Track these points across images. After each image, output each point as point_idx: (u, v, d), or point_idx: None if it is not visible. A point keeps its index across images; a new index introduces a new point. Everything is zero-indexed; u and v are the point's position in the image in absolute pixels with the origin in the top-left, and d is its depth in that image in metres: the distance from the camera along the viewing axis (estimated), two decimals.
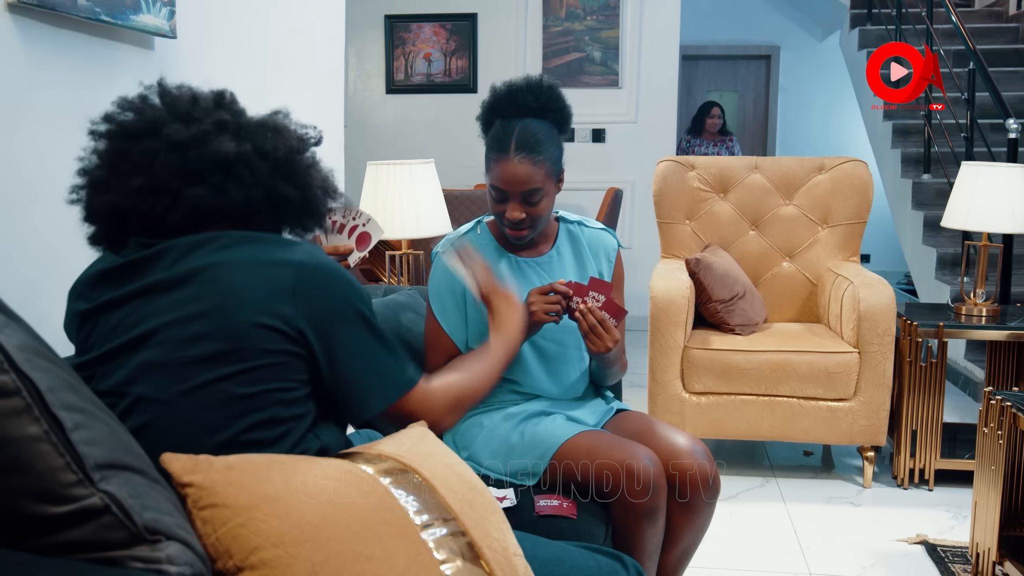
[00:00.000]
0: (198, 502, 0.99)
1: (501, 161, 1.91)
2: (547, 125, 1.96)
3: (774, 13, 8.40)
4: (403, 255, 3.28)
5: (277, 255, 1.25)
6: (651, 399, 3.26)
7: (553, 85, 1.99)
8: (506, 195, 1.93)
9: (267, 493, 1.01)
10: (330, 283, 1.27)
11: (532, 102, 1.95)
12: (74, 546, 0.88)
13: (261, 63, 2.50)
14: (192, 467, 1.01)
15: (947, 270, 4.77)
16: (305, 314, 1.22)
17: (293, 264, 1.24)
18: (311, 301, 1.23)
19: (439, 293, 2.05)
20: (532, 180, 1.90)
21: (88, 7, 1.74)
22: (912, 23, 5.63)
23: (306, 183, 1.41)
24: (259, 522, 0.99)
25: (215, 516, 0.99)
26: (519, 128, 1.91)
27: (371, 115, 6.20)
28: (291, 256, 1.25)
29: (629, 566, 1.49)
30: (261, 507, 1.00)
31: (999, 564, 2.44)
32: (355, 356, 1.30)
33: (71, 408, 0.92)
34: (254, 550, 0.97)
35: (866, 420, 3.17)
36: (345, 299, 1.28)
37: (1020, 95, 5.67)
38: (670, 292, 3.19)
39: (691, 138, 6.59)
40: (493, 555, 1.12)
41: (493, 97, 1.98)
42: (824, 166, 3.71)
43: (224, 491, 1.00)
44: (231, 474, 1.02)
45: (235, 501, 0.99)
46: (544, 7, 5.93)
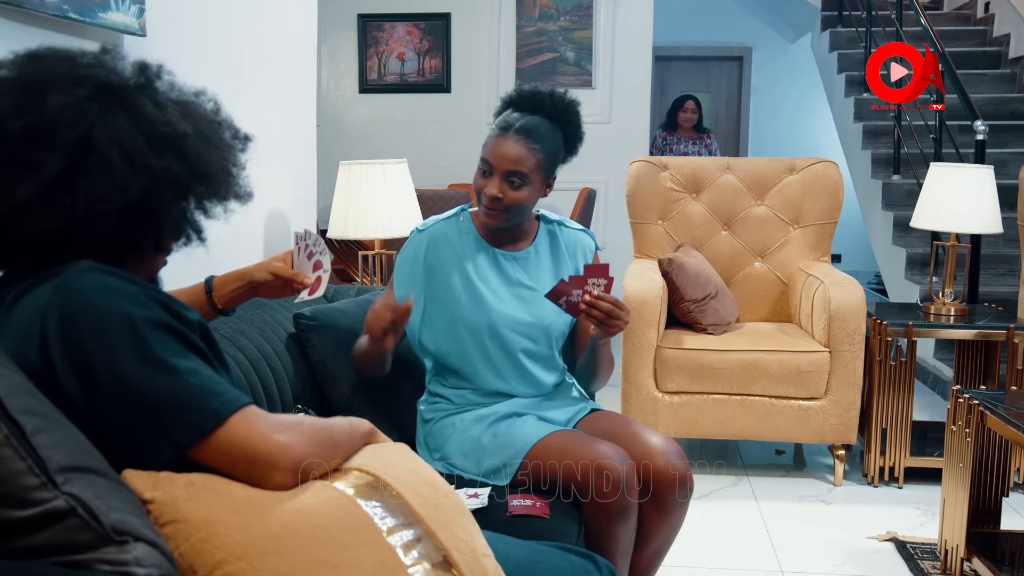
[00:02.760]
0: (160, 518, 0.98)
1: (499, 136, 1.94)
2: (555, 129, 1.99)
3: (746, 15, 8.45)
4: (376, 255, 3.27)
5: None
6: (624, 399, 3.27)
7: (575, 102, 2.03)
8: (492, 169, 1.94)
9: (229, 507, 1.00)
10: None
11: (549, 106, 1.99)
12: (40, 550, 0.87)
13: (232, 62, 2.48)
14: (153, 483, 1.00)
15: (916, 270, 4.82)
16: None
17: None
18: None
19: (402, 265, 2.07)
20: (521, 162, 1.92)
21: (56, 4, 1.72)
22: (882, 25, 5.69)
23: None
24: (222, 536, 0.98)
25: (177, 532, 0.98)
26: (527, 116, 1.96)
27: (344, 115, 6.18)
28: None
29: (602, 566, 1.50)
30: (223, 521, 0.99)
31: (967, 560, 2.47)
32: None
33: (30, 412, 0.91)
34: (218, 564, 0.97)
35: (837, 419, 3.20)
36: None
37: (988, 97, 5.74)
38: (643, 292, 3.20)
39: (667, 135, 6.40)
40: (461, 556, 1.12)
41: (516, 93, 2.03)
42: (795, 167, 3.74)
43: (186, 506, 0.99)
44: (192, 489, 1.00)
45: (196, 516, 0.98)
46: (518, 7, 5.93)
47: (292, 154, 2.88)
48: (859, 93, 5.94)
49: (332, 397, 2.07)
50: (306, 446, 1.09)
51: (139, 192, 1.09)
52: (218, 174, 1.20)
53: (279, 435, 1.06)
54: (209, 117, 1.23)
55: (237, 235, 2.42)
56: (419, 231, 2.09)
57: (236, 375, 1.78)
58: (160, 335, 1.04)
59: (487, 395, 2.05)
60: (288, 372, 1.99)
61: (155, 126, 1.11)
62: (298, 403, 1.97)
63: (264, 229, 2.62)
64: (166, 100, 1.16)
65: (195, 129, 1.17)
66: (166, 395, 1.02)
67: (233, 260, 2.14)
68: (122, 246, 1.14)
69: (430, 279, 2.04)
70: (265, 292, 1.69)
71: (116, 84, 1.12)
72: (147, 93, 1.14)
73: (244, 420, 1.05)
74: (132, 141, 1.08)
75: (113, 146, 1.07)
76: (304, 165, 2.96)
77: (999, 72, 6.10)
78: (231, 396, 1.06)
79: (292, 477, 1.07)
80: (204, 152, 1.17)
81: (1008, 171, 4.86)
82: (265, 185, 2.68)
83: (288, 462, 1.06)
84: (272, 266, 1.67)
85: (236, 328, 1.92)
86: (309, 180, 3.01)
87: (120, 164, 1.07)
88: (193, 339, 1.09)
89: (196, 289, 1.64)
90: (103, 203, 1.07)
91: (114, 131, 1.07)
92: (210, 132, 1.21)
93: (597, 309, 1.84)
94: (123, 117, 1.09)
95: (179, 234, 1.22)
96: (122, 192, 1.08)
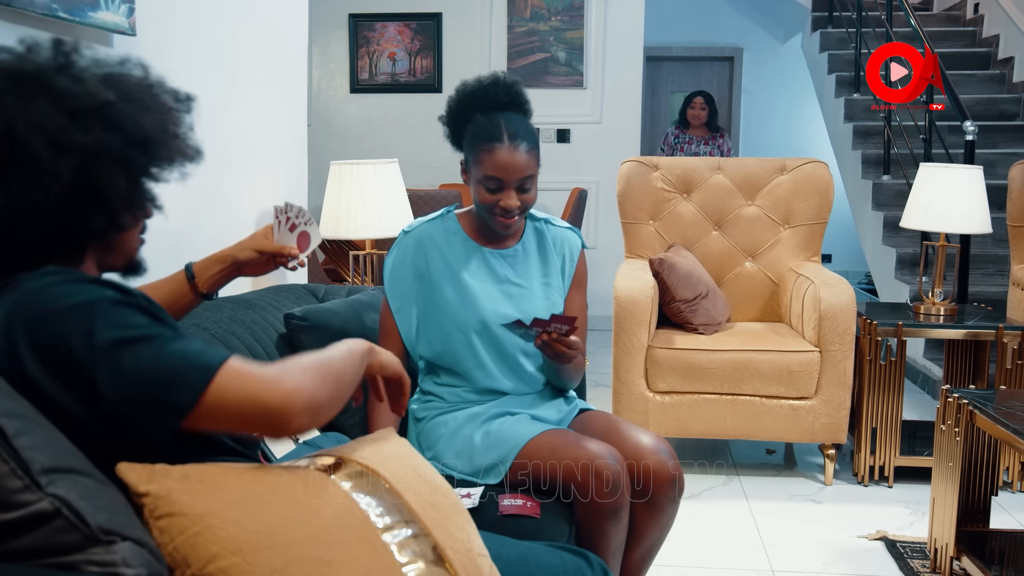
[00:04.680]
0: (155, 511, 0.98)
1: (498, 150, 1.92)
2: (525, 116, 2.01)
3: (737, 15, 8.47)
4: (367, 255, 3.27)
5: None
6: (615, 398, 3.27)
7: (517, 81, 2.03)
8: (502, 184, 1.94)
9: (224, 500, 1.00)
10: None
11: (504, 97, 1.99)
12: (27, 553, 0.86)
13: (223, 61, 2.47)
14: (148, 476, 0.99)
15: (906, 270, 4.84)
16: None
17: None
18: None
19: (391, 269, 2.07)
20: (528, 167, 1.94)
21: (45, 3, 1.72)
22: (872, 26, 5.70)
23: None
24: (216, 530, 0.97)
25: (172, 525, 0.97)
26: (504, 119, 1.95)
27: (335, 114, 6.17)
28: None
29: (594, 564, 1.50)
30: (218, 514, 0.98)
31: (957, 559, 2.48)
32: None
33: (11, 415, 0.90)
34: (212, 558, 0.96)
35: (827, 418, 3.20)
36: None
37: (977, 97, 5.77)
38: (634, 292, 3.20)
39: (680, 132, 6.03)
40: (457, 556, 1.11)
41: (465, 93, 2.01)
42: (786, 167, 3.75)
43: (181, 499, 0.98)
44: (188, 482, 1.00)
45: (192, 509, 0.98)
46: (509, 7, 5.94)
47: (283, 154, 2.87)
48: (849, 94, 5.96)
49: None
50: (313, 384, 1.07)
51: (72, 172, 1.06)
52: (157, 136, 1.16)
53: (284, 380, 1.05)
54: (138, 81, 1.19)
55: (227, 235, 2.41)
56: (405, 233, 2.09)
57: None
58: (125, 311, 1.03)
59: (479, 393, 2.05)
60: None
61: (76, 100, 1.08)
62: None
63: (255, 228, 2.61)
64: (86, 75, 1.12)
65: (122, 95, 1.13)
66: (151, 366, 1.00)
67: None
68: (75, 233, 1.12)
69: (420, 282, 2.04)
70: (250, 270, 1.67)
71: (31, 71, 1.08)
72: (65, 72, 1.11)
73: (237, 370, 1.04)
74: (53, 122, 1.05)
75: (34, 132, 1.04)
76: (295, 165, 2.96)
77: (988, 73, 6.13)
78: (214, 351, 1.05)
79: (309, 419, 1.06)
80: (137, 116, 1.13)
81: (997, 171, 4.88)
82: (256, 185, 2.67)
83: (300, 404, 1.05)
84: (255, 243, 1.65)
85: (226, 328, 1.91)
86: (300, 180, 3.00)
87: (45, 149, 1.04)
88: (157, 311, 1.08)
89: (176, 278, 1.61)
90: (38, 191, 1.05)
91: (33, 117, 1.04)
92: (141, 96, 1.16)
93: (550, 348, 1.87)
94: (42, 100, 1.06)
95: (131, 207, 1.17)
96: (53, 175, 1.05)
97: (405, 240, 2.08)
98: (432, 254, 2.04)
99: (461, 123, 2.02)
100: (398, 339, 2.05)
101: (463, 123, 2.01)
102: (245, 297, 2.14)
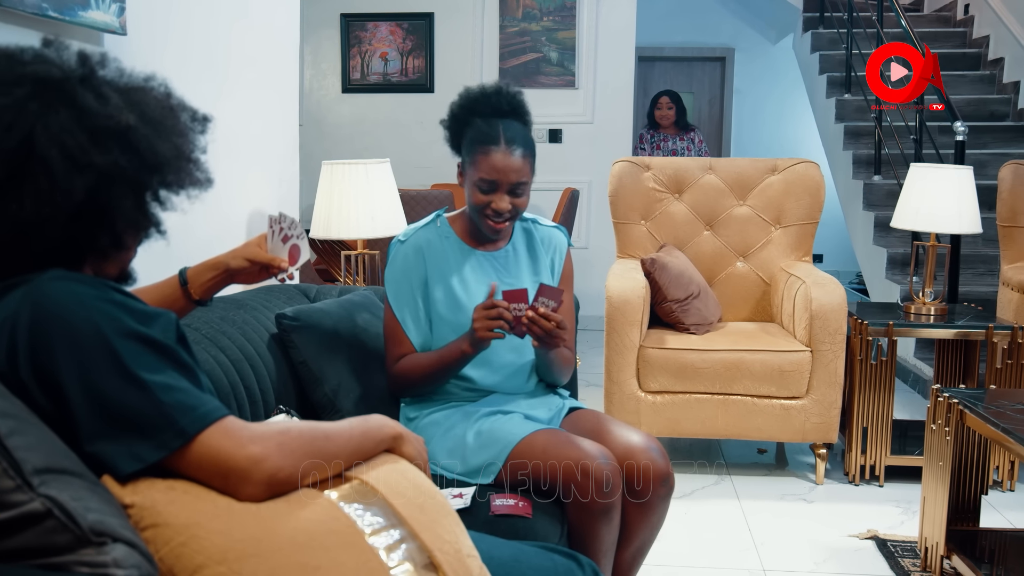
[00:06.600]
0: (140, 522, 0.98)
1: (494, 152, 1.96)
2: (525, 126, 2.05)
3: (729, 16, 8.48)
4: (359, 255, 3.27)
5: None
6: (607, 398, 3.28)
7: (520, 91, 2.08)
8: (496, 186, 1.97)
9: (209, 511, 1.00)
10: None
11: (505, 106, 2.03)
12: (18, 553, 0.86)
13: (214, 61, 2.47)
14: (133, 488, 0.99)
15: (897, 270, 4.85)
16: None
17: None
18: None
19: (396, 280, 2.06)
20: (523, 172, 1.98)
21: (35, 2, 1.71)
22: (863, 27, 5.72)
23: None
24: (201, 539, 0.97)
25: (157, 536, 0.97)
26: (503, 125, 1.99)
27: (327, 114, 6.16)
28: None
29: (585, 565, 1.50)
30: (203, 524, 0.98)
31: (947, 558, 2.49)
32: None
33: (3, 415, 0.90)
34: (198, 568, 0.96)
35: (818, 418, 3.21)
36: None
37: (967, 98, 5.79)
38: (626, 292, 3.20)
39: (653, 133, 6.09)
40: (445, 557, 1.11)
41: (468, 99, 2.05)
42: (777, 167, 3.76)
43: (166, 510, 0.98)
44: (172, 494, 1.00)
45: (176, 520, 0.98)
46: (501, 7, 5.94)
47: (274, 154, 2.87)
48: (840, 94, 5.97)
49: (314, 398, 2.06)
50: (283, 457, 1.06)
51: (85, 192, 1.06)
52: (172, 162, 1.16)
53: (253, 447, 1.04)
54: (160, 102, 1.18)
55: (219, 235, 2.41)
56: (401, 242, 2.09)
57: (216, 376, 1.77)
58: (133, 347, 1.02)
59: (472, 392, 2.06)
60: (270, 373, 1.98)
61: (98, 119, 1.07)
62: (280, 404, 1.96)
63: (246, 229, 2.61)
64: (110, 90, 1.11)
65: (143, 117, 1.12)
66: (132, 411, 1.00)
67: None
68: (78, 247, 1.11)
69: (424, 289, 2.05)
70: (242, 279, 1.68)
71: (57, 78, 1.07)
72: (90, 84, 1.10)
73: (215, 434, 1.03)
74: (73, 139, 1.04)
75: (54, 147, 1.03)
76: (286, 165, 2.95)
77: (979, 73, 6.15)
78: (204, 410, 1.04)
79: (265, 489, 1.04)
80: (154, 141, 1.13)
81: (987, 172, 4.90)
82: (247, 185, 2.67)
83: (260, 475, 1.03)
84: (247, 252, 1.65)
85: (217, 328, 1.91)
86: (291, 180, 3.00)
87: (62, 165, 1.03)
88: (170, 348, 1.07)
89: (170, 283, 1.61)
90: (49, 206, 1.04)
91: (55, 130, 1.03)
92: (162, 119, 1.16)
93: (538, 326, 1.87)
94: (65, 113, 1.05)
95: (136, 229, 1.17)
96: (67, 193, 1.04)
97: (403, 249, 2.07)
98: (431, 261, 2.06)
99: (461, 127, 2.05)
100: (410, 347, 2.05)
101: (463, 127, 2.05)
102: (237, 297, 2.13)
